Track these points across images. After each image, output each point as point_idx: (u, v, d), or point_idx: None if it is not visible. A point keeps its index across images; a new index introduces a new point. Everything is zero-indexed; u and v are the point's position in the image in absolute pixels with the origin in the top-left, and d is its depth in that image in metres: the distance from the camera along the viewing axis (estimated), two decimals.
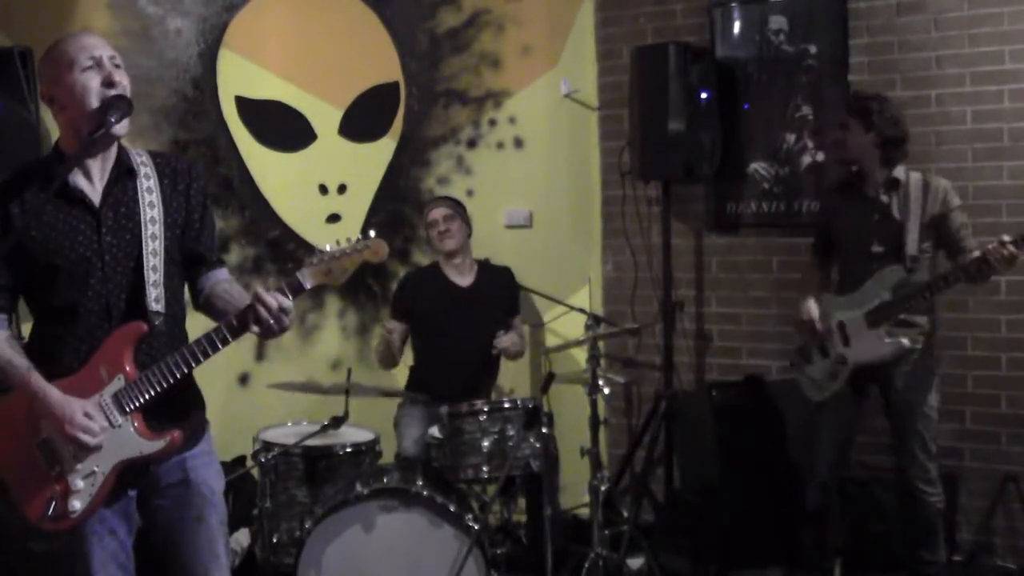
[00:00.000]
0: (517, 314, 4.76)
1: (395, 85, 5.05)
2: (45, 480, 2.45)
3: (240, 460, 4.53)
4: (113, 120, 2.39)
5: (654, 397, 4.89)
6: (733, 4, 4.88)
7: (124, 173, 2.52)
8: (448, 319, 4.50)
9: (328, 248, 2.54)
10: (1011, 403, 4.37)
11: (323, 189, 4.94)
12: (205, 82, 4.71)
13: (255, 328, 2.42)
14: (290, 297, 2.45)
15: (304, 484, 3.94)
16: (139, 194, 2.51)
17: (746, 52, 4.87)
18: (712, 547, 4.37)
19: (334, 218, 4.98)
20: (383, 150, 5.05)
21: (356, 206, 5.01)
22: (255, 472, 4.11)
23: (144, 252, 2.49)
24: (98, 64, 2.43)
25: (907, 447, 3.82)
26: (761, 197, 4.87)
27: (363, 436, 4.11)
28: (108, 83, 2.43)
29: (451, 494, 3.74)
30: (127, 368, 2.45)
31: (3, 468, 2.49)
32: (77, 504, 2.44)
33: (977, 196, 4.40)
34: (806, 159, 4.76)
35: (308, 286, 2.51)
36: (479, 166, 5.15)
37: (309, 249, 4.89)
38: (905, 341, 3.76)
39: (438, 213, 4.59)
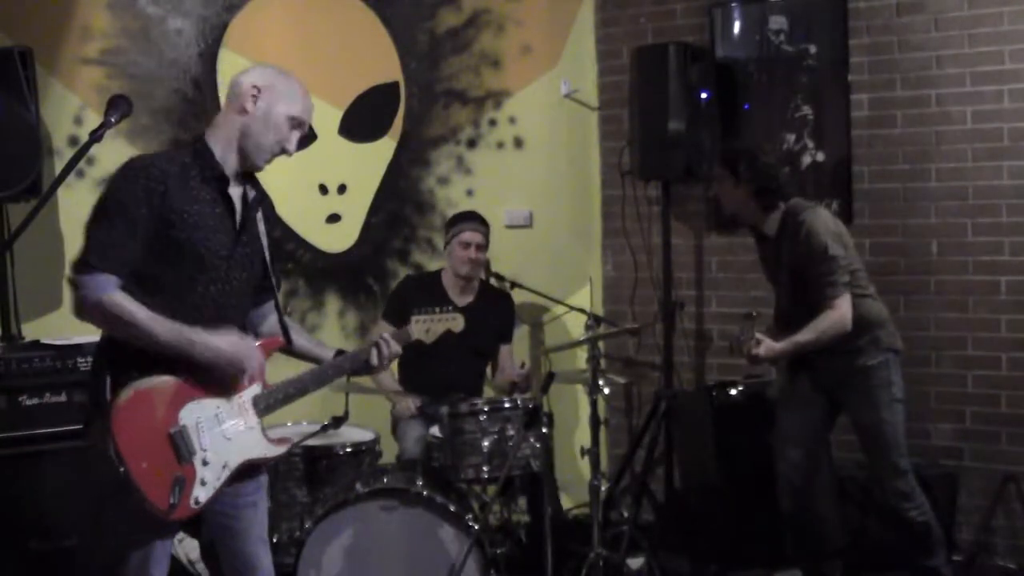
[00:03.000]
0: (508, 342, 4.69)
1: (395, 85, 5.05)
2: (173, 470, 2.47)
3: None
4: (113, 120, 2.43)
5: (654, 397, 4.88)
6: (733, 4, 4.89)
7: (254, 195, 2.68)
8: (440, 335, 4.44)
9: (425, 312, 3.03)
10: (1011, 403, 4.37)
11: (323, 189, 4.94)
12: (205, 82, 4.70)
13: (374, 360, 2.82)
14: (400, 346, 2.88)
15: (304, 484, 3.94)
16: (258, 222, 2.69)
17: (746, 52, 4.87)
18: (712, 547, 4.37)
19: (334, 218, 4.97)
20: (383, 150, 5.05)
21: (356, 206, 5.00)
22: None
23: (270, 271, 2.71)
24: (300, 127, 2.66)
25: (874, 468, 3.82)
26: None
27: (363, 436, 4.10)
28: (285, 149, 2.65)
29: (451, 494, 3.74)
30: (264, 377, 2.67)
31: (132, 457, 2.42)
32: (202, 495, 2.51)
33: (977, 196, 4.41)
34: (806, 159, 4.76)
35: (413, 339, 2.97)
36: (479, 166, 5.15)
37: (309, 249, 4.91)
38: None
39: (475, 237, 4.48)
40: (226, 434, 2.57)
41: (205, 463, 2.52)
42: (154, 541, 2.53)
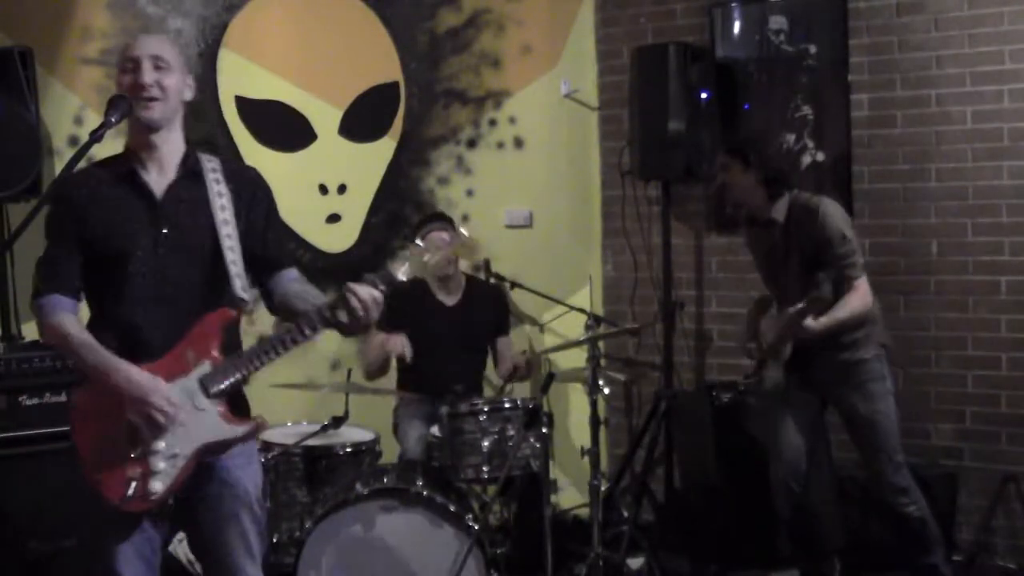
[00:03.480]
0: (506, 334, 4.65)
1: (395, 85, 5.05)
2: (126, 462, 2.47)
3: None
4: (113, 120, 2.43)
5: (654, 397, 4.88)
6: (733, 4, 4.89)
7: (189, 174, 2.60)
8: (433, 338, 4.41)
9: (419, 242, 2.59)
10: (1011, 403, 4.37)
11: (323, 189, 4.94)
12: (205, 82, 4.70)
13: (344, 318, 2.43)
14: (382, 289, 2.45)
15: (304, 484, 3.94)
16: (209, 196, 2.58)
17: (746, 52, 4.87)
18: (712, 547, 4.37)
19: (334, 218, 4.97)
20: (383, 150, 5.05)
21: (356, 206, 5.01)
22: None
23: (223, 248, 2.55)
24: (134, 67, 2.51)
25: (871, 464, 3.78)
26: None
27: (363, 436, 4.10)
28: (133, 88, 2.50)
29: (451, 494, 3.73)
30: (214, 353, 2.51)
31: (87, 452, 2.48)
32: (158, 486, 2.47)
33: (977, 196, 4.41)
34: (806, 159, 4.76)
35: (401, 278, 2.49)
36: (479, 166, 5.15)
37: (309, 249, 4.91)
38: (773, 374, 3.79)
39: (441, 236, 4.39)
40: None
41: (156, 453, 2.48)
42: (121, 539, 2.52)
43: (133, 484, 2.45)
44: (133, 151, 2.58)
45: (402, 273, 2.47)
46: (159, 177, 2.57)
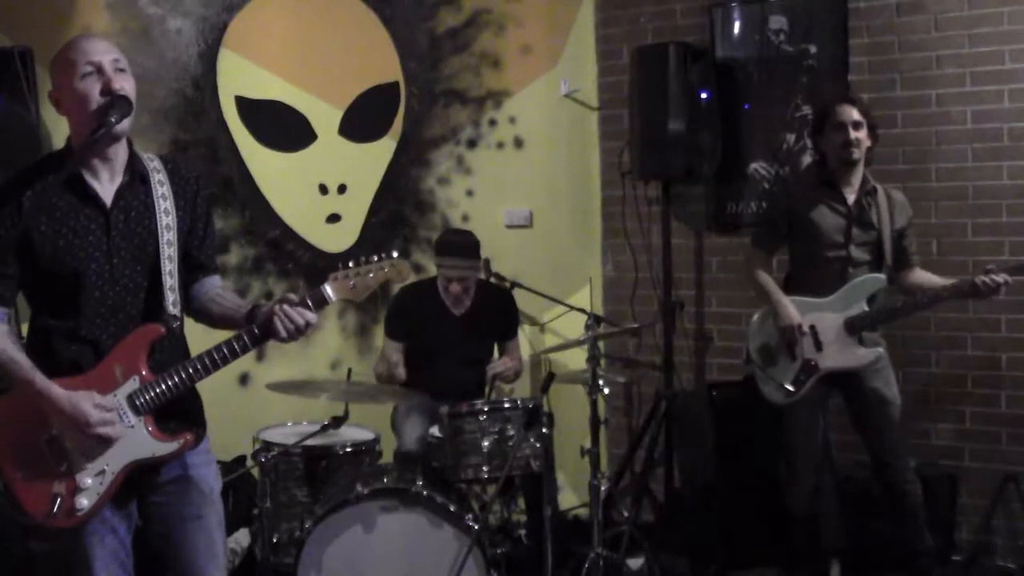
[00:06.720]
0: (513, 338, 4.61)
1: (395, 85, 5.05)
2: (51, 477, 2.45)
3: (240, 460, 4.53)
4: (114, 120, 2.41)
5: (654, 397, 4.88)
6: (733, 4, 4.89)
7: (136, 177, 2.54)
8: (440, 344, 4.41)
9: (352, 264, 2.55)
10: (1011, 403, 4.37)
11: (323, 189, 4.94)
12: (205, 82, 4.71)
13: (276, 338, 2.46)
14: (313, 310, 2.48)
15: (304, 484, 3.93)
16: (154, 200, 2.54)
17: (746, 52, 4.87)
18: (712, 547, 4.37)
19: (334, 218, 4.97)
20: (383, 150, 5.05)
21: (356, 206, 5.01)
22: (255, 472, 4.11)
23: (161, 258, 2.53)
24: (98, 70, 2.45)
25: (888, 444, 3.80)
26: (761, 197, 4.87)
27: (363, 436, 4.10)
28: (107, 91, 2.44)
29: (451, 494, 3.74)
30: (142, 370, 2.48)
31: (8, 465, 2.47)
32: (84, 502, 2.45)
33: (977, 196, 4.41)
34: (806, 159, 4.76)
35: (332, 300, 2.53)
36: (479, 166, 5.15)
37: (309, 249, 4.91)
38: (881, 350, 3.81)
39: (454, 273, 4.36)
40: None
41: (82, 469, 2.45)
42: (96, 544, 2.50)
43: (59, 500, 2.43)
44: (79, 154, 2.46)
45: (334, 296, 2.52)
46: (107, 183, 2.51)
